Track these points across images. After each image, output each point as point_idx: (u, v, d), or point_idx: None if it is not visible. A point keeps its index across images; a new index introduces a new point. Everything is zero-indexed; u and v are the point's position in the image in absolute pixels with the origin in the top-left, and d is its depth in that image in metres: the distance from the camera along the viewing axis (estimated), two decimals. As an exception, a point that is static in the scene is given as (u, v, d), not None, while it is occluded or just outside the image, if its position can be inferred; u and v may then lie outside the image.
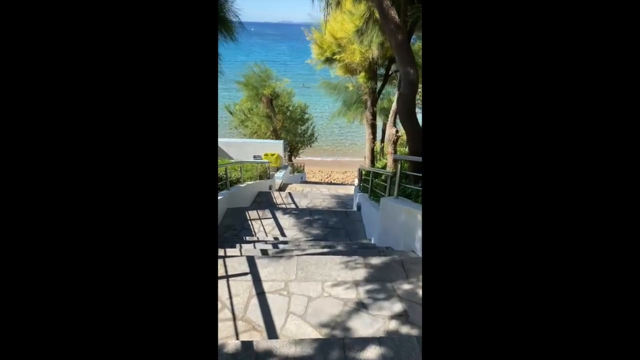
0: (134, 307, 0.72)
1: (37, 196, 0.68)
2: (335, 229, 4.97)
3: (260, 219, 5.25)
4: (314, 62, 7.29)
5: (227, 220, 5.07)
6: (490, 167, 0.73)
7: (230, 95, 14.17)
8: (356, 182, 9.23)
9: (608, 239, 0.67)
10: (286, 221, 5.18)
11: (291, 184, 10.84)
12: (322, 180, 16.12)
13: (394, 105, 5.47)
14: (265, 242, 4.17)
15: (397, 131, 5.54)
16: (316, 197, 8.01)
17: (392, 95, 10.80)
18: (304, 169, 14.66)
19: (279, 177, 10.40)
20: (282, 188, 10.10)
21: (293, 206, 7.31)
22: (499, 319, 0.72)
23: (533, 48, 0.70)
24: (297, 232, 4.88)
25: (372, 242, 4.34)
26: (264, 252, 3.29)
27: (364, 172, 6.89)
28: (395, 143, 5.61)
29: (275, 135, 12.99)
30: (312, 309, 2.14)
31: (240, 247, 3.58)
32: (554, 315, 0.69)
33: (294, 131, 13.94)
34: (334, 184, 13.70)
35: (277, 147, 11.12)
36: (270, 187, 8.92)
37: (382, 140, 7.74)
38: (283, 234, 4.79)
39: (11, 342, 0.66)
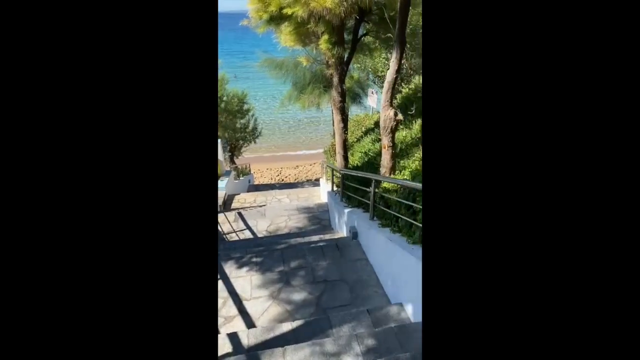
0: (134, 307, 0.74)
1: (37, 197, 0.69)
2: (331, 286, 2.98)
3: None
4: (253, 24, 5.10)
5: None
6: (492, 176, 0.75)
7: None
8: (324, 182, 7.26)
9: (608, 248, 0.68)
10: (246, 283, 3.03)
11: (238, 193, 8.51)
12: (273, 181, 13.93)
13: (389, 76, 3.56)
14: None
15: (396, 114, 3.68)
16: (278, 213, 5.89)
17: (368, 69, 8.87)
18: (250, 170, 12.29)
19: (222, 187, 8.00)
20: (227, 202, 7.74)
21: (248, 236, 5.10)
22: (498, 327, 0.73)
23: (533, 49, 0.71)
24: (268, 306, 2.78)
25: (411, 313, 2.44)
26: None
27: (338, 174, 4.97)
28: (393, 132, 3.76)
29: (210, 134, 10.38)
30: None
31: None
32: (552, 328, 0.70)
33: (232, 126, 11.40)
34: (289, 184, 11.62)
35: (213, 148, 8.63)
36: (211, 206, 6.53)
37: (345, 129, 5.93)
38: (248, 322, 2.64)
39: (11, 342, 0.67)
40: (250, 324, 2.61)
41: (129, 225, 0.74)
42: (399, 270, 2.64)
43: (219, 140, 8.62)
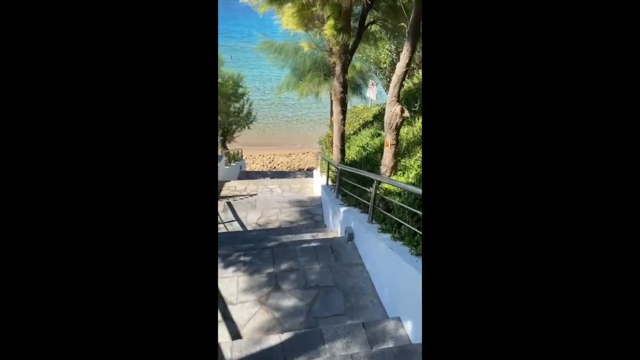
0: (134, 306, 0.74)
1: (40, 197, 0.70)
2: (324, 292, 2.78)
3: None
4: (253, 3, 4.72)
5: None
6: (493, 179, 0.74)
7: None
8: (318, 174, 7.02)
9: (611, 255, 0.68)
10: (232, 285, 2.81)
11: (229, 180, 8.22)
12: (265, 168, 13.63)
13: (398, 69, 3.30)
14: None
15: (402, 110, 3.43)
16: (269, 205, 5.66)
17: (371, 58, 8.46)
18: (242, 156, 11.94)
19: (212, 173, 7.68)
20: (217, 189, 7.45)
21: (237, 228, 4.87)
22: (498, 331, 0.73)
23: (534, 49, 0.70)
24: (255, 313, 2.56)
25: (410, 331, 2.26)
26: None
27: (335, 170, 4.73)
28: (398, 129, 3.53)
29: (202, 116, 9.96)
30: None
31: None
32: (552, 335, 0.70)
33: (225, 110, 10.97)
34: (281, 173, 11.35)
35: (205, 132, 8.26)
36: (199, 193, 6.24)
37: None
38: (232, 330, 2.42)
39: (11, 341, 0.67)
40: (234, 332, 2.39)
41: (129, 223, 0.74)
42: (398, 283, 2.44)
43: (211, 124, 8.25)
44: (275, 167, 13.77)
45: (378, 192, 3.14)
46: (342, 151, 5.78)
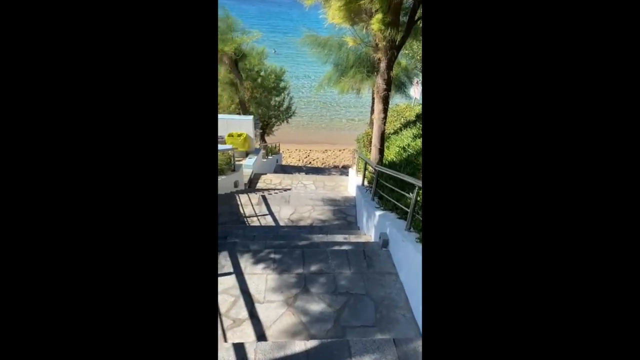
0: (134, 306, 0.74)
1: (41, 197, 0.69)
2: (355, 300, 2.65)
3: (210, 276, 2.80)
4: (300, -4, 4.65)
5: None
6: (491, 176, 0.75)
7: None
8: (353, 173, 6.85)
9: (606, 247, 0.68)
10: (261, 283, 2.77)
11: (265, 173, 8.30)
12: (301, 162, 13.67)
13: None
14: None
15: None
16: (302, 201, 5.60)
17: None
18: (279, 150, 12.05)
19: (249, 165, 7.82)
20: (253, 181, 7.56)
21: (270, 222, 4.86)
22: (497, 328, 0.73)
23: (532, 50, 0.71)
24: (282, 314, 2.50)
25: None
26: None
27: (372, 171, 4.52)
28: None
29: (243, 109, 10.13)
30: None
31: None
32: (552, 331, 0.70)
33: (266, 103, 11.09)
34: (316, 169, 11.30)
35: (244, 124, 8.40)
36: (236, 185, 6.37)
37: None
38: (258, 330, 2.38)
39: (11, 341, 0.67)
40: (260, 332, 2.34)
41: (128, 222, 0.74)
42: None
43: (251, 117, 8.38)
44: (310, 163, 13.77)
45: (419, 199, 2.93)
46: (381, 151, 5.56)
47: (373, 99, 8.29)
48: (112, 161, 0.73)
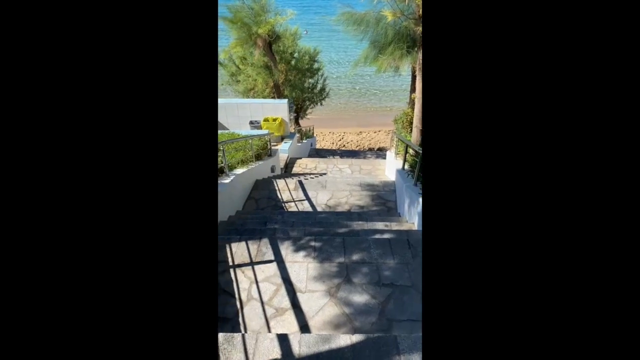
0: (134, 305, 0.74)
1: (40, 196, 0.69)
2: (400, 292, 2.52)
3: (251, 263, 2.80)
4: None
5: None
6: (490, 169, 0.75)
7: (217, 39, 10.93)
8: (391, 156, 6.58)
9: (606, 239, 0.68)
10: (302, 271, 2.72)
11: (300, 158, 8.26)
12: (335, 146, 13.49)
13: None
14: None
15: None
16: (339, 186, 5.48)
17: None
18: (313, 133, 11.94)
19: (285, 150, 7.81)
20: (288, 166, 7.55)
21: (307, 208, 4.82)
22: (498, 321, 0.74)
23: (532, 50, 0.71)
24: (324, 305, 2.44)
25: None
26: None
27: (414, 153, 4.25)
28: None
29: (277, 93, 10.06)
30: None
31: None
32: (553, 319, 0.71)
33: (300, 86, 10.92)
34: (351, 152, 11.08)
35: (279, 108, 8.34)
36: (272, 170, 6.37)
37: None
38: (300, 320, 2.34)
39: (11, 341, 0.67)
40: (302, 322, 2.31)
41: (128, 223, 0.74)
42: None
43: (286, 100, 8.28)
44: (344, 146, 13.55)
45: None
46: (423, 133, 5.25)
47: (413, 77, 7.82)
48: (112, 161, 0.73)
